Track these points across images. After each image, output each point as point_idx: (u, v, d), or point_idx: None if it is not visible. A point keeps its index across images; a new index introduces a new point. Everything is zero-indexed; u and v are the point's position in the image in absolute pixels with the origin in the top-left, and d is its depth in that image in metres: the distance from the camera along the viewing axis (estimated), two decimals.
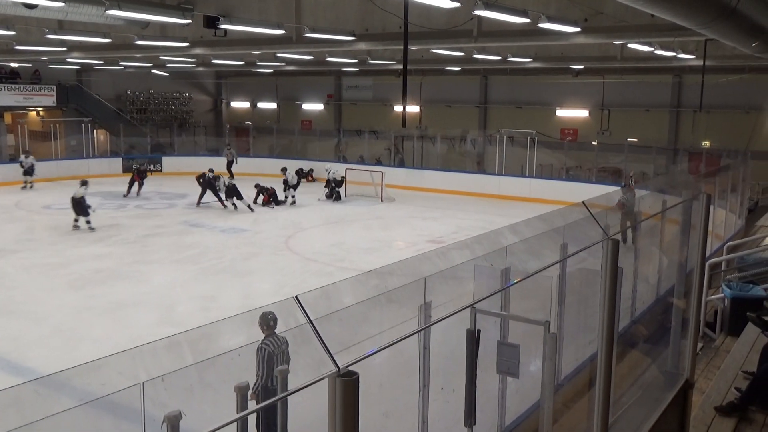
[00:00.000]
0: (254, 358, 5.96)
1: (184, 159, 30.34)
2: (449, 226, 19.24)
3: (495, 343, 4.87)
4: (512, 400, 5.74)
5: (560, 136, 28.57)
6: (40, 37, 15.98)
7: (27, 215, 20.13)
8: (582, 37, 14.08)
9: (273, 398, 5.73)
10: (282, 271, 14.13)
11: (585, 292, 6.32)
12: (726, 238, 13.94)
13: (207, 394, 3.92)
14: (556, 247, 4.95)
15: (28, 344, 9.85)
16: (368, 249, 16.25)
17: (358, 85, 34.78)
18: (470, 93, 31.22)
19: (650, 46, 16.60)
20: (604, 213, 4.36)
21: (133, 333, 10.07)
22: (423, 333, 4.79)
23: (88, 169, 27.94)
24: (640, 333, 7.24)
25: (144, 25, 16.30)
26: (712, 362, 7.45)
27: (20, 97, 29.54)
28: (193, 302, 11.92)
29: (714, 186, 13.10)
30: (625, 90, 27.23)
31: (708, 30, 9.09)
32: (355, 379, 2.12)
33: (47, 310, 11.41)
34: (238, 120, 37.80)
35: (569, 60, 22.19)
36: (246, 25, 13.56)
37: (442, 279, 4.52)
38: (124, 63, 27.90)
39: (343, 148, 31.53)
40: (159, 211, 21.02)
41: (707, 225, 5.25)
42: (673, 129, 27.02)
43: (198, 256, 15.22)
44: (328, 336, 2.32)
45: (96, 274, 13.56)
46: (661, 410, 4.64)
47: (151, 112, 35.50)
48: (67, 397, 2.97)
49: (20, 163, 25.32)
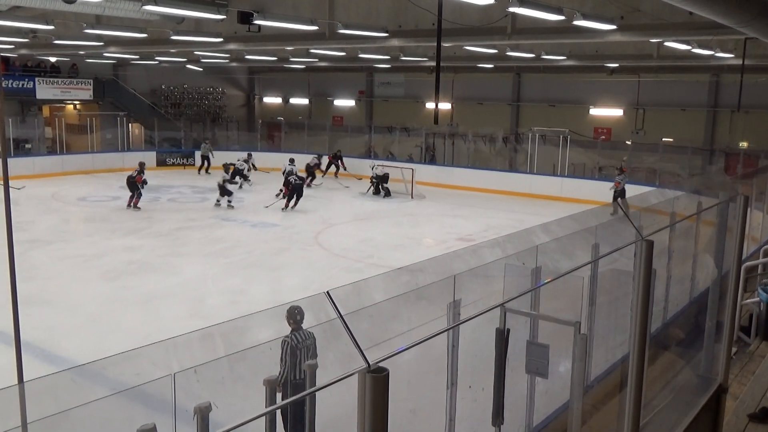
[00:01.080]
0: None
1: (217, 153, 30.63)
2: (479, 224, 19.15)
3: (524, 343, 4.84)
4: (541, 401, 5.69)
5: (593, 135, 28.25)
6: (78, 31, 16.24)
7: (62, 207, 20.51)
8: (618, 35, 13.89)
9: (301, 392, 5.78)
10: (311, 267, 14.20)
11: (616, 293, 6.25)
12: (763, 241, 13.64)
13: (237, 387, 3.95)
14: (588, 247, 4.90)
15: (61, 334, 10.04)
16: (397, 246, 16.25)
17: (389, 82, 34.77)
18: (503, 91, 31.02)
19: (687, 45, 16.30)
20: (638, 213, 4.30)
21: (163, 325, 10.21)
22: (452, 331, 4.77)
23: (123, 162, 28.39)
24: (673, 335, 7.14)
25: (179, 21, 16.50)
26: (746, 367, 7.31)
27: (58, 90, 30.09)
28: (223, 296, 12.04)
29: (751, 188, 12.82)
30: (660, 89, 26.81)
31: (748, 28, 8.90)
32: (385, 375, 2.12)
33: (81, 301, 11.62)
34: (270, 115, 38.05)
35: (604, 58, 21.90)
36: (279, 21, 13.64)
37: (472, 277, 4.50)
38: (159, 58, 28.24)
39: (374, 144, 31.55)
40: (191, 204, 21.26)
41: (744, 227, 5.15)
42: (710, 129, 26.53)
43: (228, 250, 15.36)
44: (357, 332, 2.32)
45: (128, 265, 13.77)
46: (693, 415, 4.57)
47: (185, 106, 35.91)
48: (100, 386, 3.02)
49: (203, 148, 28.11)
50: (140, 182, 19.91)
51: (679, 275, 8.08)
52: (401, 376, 3.19)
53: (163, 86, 35.34)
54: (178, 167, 29.54)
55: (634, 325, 3.72)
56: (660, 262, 7.16)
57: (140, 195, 19.99)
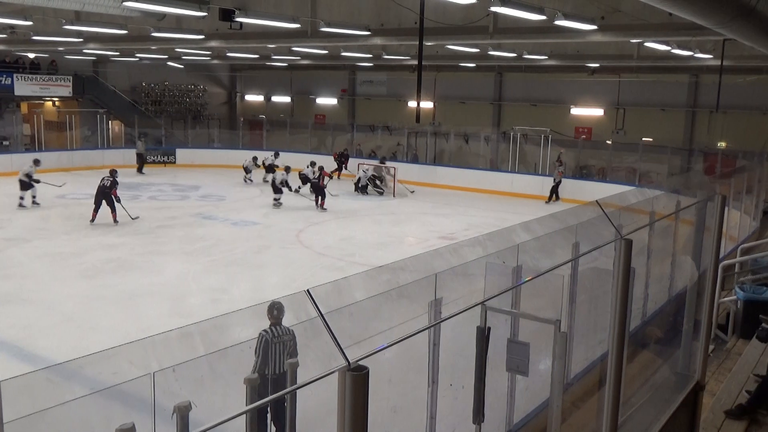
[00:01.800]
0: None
1: (198, 151, 30.50)
2: (461, 222, 19.21)
3: (505, 341, 4.86)
4: (521, 399, 5.72)
5: (574, 134, 28.43)
6: (57, 27, 16.08)
7: (41, 204, 20.26)
8: (599, 35, 13.99)
9: (277, 388, 5.77)
10: (292, 265, 14.16)
11: (596, 292, 6.29)
12: (740, 240, 13.82)
13: (217, 386, 3.94)
14: (569, 246, 4.93)
15: (39, 332, 9.93)
16: (379, 244, 16.25)
17: (372, 80, 34.76)
18: (485, 90, 31.12)
19: (667, 45, 16.46)
20: (618, 212, 4.34)
21: (143, 323, 10.13)
22: (433, 329, 4.78)
23: (102, 159, 28.15)
24: (652, 333, 7.20)
25: (160, 17, 16.36)
26: (723, 365, 7.40)
27: (37, 87, 29.75)
28: (204, 294, 11.98)
29: (729, 187, 12.98)
30: (641, 89, 27.04)
31: (726, 29, 8.99)
32: (365, 373, 2.12)
33: (59, 299, 11.50)
34: (252, 113, 37.89)
35: (585, 58, 22.05)
36: (261, 19, 13.59)
37: (453, 275, 4.51)
38: (139, 55, 28.02)
39: (356, 143, 31.49)
40: (172, 202, 21.12)
41: (721, 226, 5.21)
42: (689, 129, 26.80)
43: (209, 248, 15.28)
44: (338, 330, 2.32)
45: (108, 264, 13.65)
46: (671, 412, 4.62)
47: (166, 104, 35.66)
48: (78, 385, 2.99)
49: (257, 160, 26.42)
50: (115, 196, 17.51)
51: (658, 274, 8.16)
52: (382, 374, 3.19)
53: (144, 83, 35.06)
54: (159, 165, 29.31)
55: (613, 323, 3.75)
56: (639, 261, 7.22)
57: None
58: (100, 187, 17.42)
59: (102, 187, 17.36)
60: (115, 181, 17.52)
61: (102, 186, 17.39)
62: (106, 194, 17.29)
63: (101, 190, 17.37)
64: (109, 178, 17.53)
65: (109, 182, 17.42)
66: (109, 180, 17.48)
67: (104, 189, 17.33)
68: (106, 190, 17.31)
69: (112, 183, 17.41)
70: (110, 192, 17.31)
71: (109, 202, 17.31)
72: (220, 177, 26.77)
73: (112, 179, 17.51)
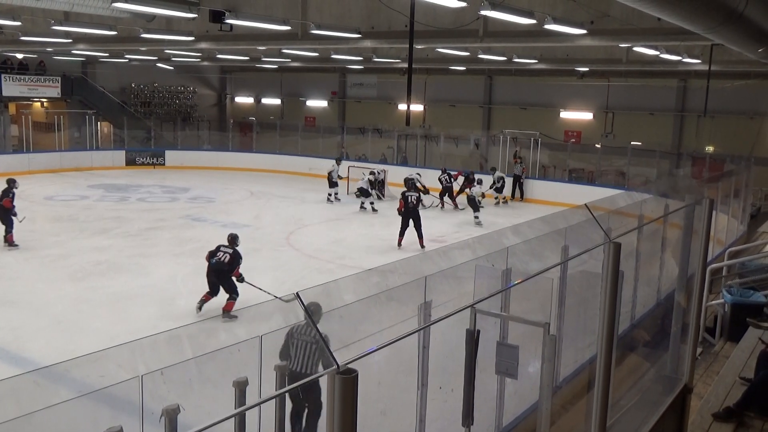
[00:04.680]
0: (253, 354, 5.97)
1: (188, 153, 30.36)
2: (450, 225, 19.23)
3: (494, 344, 4.87)
4: (510, 401, 5.73)
5: (564, 137, 28.54)
6: (46, 28, 16.00)
7: (29, 206, 20.12)
8: (588, 39, 14.07)
9: (293, 384, 5.76)
10: (282, 267, 14.12)
11: (585, 295, 6.31)
12: (728, 244, 13.92)
13: (206, 389, 3.92)
14: (558, 249, 4.94)
15: (27, 335, 9.86)
16: (369, 247, 16.23)
17: (362, 83, 34.76)
18: (475, 93, 31.19)
19: (656, 50, 16.57)
20: (607, 215, 4.36)
21: (132, 326, 10.07)
22: (422, 332, 4.78)
23: (91, 161, 27.99)
24: (640, 337, 7.23)
25: (150, 19, 16.32)
26: (711, 367, 7.44)
27: (25, 87, 29.57)
28: (193, 296, 11.90)
29: (717, 191, 13.07)
30: (629, 93, 27.19)
31: (714, 35, 9.07)
32: (354, 376, 2.12)
33: (47, 302, 11.42)
34: (241, 115, 37.81)
35: (574, 62, 22.16)
36: (251, 21, 13.57)
37: (442, 278, 4.51)
38: (129, 56, 27.91)
39: (346, 145, 31.47)
40: (161, 204, 21.03)
41: (709, 230, 5.24)
42: (677, 133, 26.97)
43: (199, 250, 15.17)
44: (328, 333, 2.32)
45: (96, 266, 13.56)
46: (659, 414, 4.64)
47: (155, 105, 35.53)
48: (65, 388, 2.97)
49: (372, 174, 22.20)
50: (9, 206, 14.79)
51: (647, 277, 8.20)
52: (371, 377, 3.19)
53: (133, 84, 34.91)
54: (148, 166, 29.19)
55: (602, 326, 3.77)
56: (628, 264, 7.26)
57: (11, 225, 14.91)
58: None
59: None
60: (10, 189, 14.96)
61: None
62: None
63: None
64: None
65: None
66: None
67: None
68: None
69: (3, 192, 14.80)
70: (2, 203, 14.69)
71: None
72: (209, 179, 26.68)
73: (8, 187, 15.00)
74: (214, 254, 11.12)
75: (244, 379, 4.70)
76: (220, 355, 3.39)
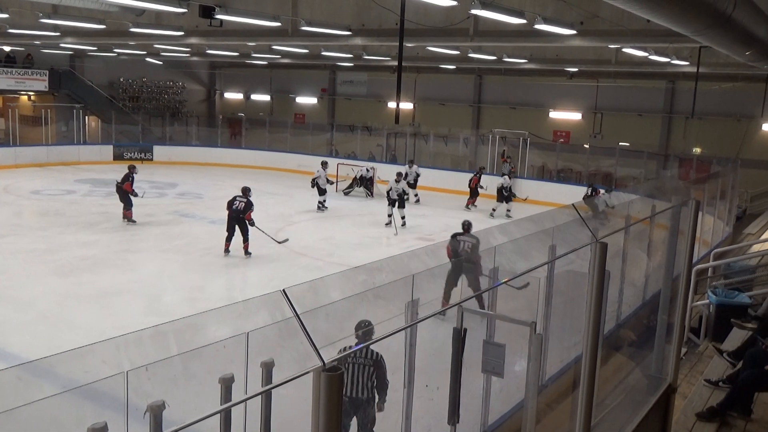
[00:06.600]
0: (239, 351, 5.91)
1: (176, 148, 30.24)
2: (439, 224, 19.25)
3: (481, 342, 4.88)
4: (496, 400, 5.75)
5: (552, 137, 28.64)
6: (34, 21, 15.87)
7: (15, 200, 20.00)
8: (577, 39, 14.12)
9: (361, 414, 5.62)
10: (270, 264, 14.10)
11: (572, 294, 6.35)
12: (713, 245, 14.01)
13: (191, 386, 3.91)
14: (545, 249, 4.96)
15: (11, 330, 9.78)
16: (358, 244, 16.23)
17: (352, 80, 34.71)
18: (464, 92, 31.23)
19: (645, 51, 16.66)
20: (594, 216, 4.38)
21: (118, 321, 10.02)
22: (409, 330, 4.79)
23: (78, 155, 27.81)
24: (626, 336, 7.28)
25: (139, 13, 16.24)
26: (695, 367, 7.50)
27: (12, 80, 29.31)
28: (180, 292, 11.88)
29: (703, 192, 13.16)
30: (618, 94, 27.31)
31: (702, 37, 9.12)
32: (340, 374, 2.12)
33: (32, 296, 11.34)
34: (231, 111, 37.67)
35: (564, 62, 22.24)
36: (242, 16, 13.51)
37: (430, 276, 4.53)
38: (117, 50, 27.71)
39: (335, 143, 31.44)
40: (149, 199, 20.91)
41: (695, 231, 5.28)
42: (665, 134, 27.12)
43: (186, 246, 15.16)
44: (314, 330, 2.31)
45: (83, 261, 13.48)
46: (643, 414, 4.67)
47: (144, 100, 35.30)
48: (49, 384, 2.95)
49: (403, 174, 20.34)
50: (130, 190, 17.07)
51: (633, 277, 8.25)
52: None
53: (122, 79, 34.68)
54: (136, 162, 29.00)
55: (588, 325, 3.78)
56: (614, 264, 7.30)
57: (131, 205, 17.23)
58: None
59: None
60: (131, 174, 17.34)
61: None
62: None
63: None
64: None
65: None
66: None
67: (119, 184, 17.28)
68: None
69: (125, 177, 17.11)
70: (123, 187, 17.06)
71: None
72: (198, 175, 26.58)
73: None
74: (232, 204, 14.27)
75: (230, 376, 4.69)
76: (206, 351, 3.37)
